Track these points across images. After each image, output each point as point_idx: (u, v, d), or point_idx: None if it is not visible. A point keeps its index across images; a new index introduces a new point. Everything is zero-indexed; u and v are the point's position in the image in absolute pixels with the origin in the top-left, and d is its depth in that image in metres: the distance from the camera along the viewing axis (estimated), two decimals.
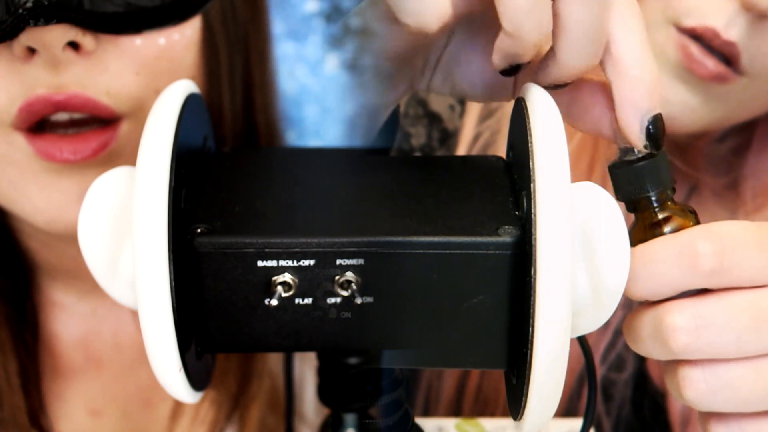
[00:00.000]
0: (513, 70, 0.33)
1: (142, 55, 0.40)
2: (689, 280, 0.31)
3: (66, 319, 0.52)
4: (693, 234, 0.31)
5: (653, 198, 0.33)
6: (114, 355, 0.52)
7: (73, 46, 0.38)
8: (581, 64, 0.31)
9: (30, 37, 0.37)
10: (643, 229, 0.33)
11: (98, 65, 0.39)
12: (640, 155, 0.33)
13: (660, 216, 0.33)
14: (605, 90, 0.33)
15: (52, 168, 0.40)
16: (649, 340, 0.33)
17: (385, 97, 0.38)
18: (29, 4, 0.35)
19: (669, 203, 0.34)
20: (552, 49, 0.32)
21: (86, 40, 0.38)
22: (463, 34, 0.37)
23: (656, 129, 0.32)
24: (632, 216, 0.34)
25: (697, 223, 0.33)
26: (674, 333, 0.31)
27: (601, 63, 0.32)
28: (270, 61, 0.51)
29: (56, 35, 0.37)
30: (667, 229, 0.33)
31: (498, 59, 0.32)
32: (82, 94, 0.39)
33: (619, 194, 0.34)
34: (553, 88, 0.33)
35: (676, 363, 0.33)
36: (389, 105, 0.39)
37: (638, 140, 0.32)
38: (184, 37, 0.42)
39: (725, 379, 0.32)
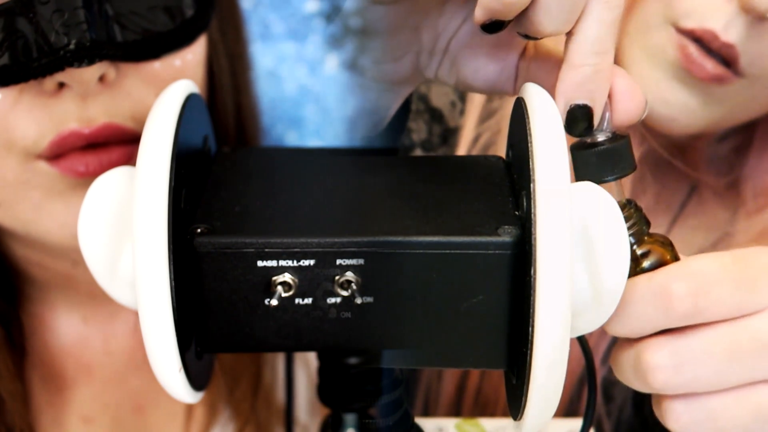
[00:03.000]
0: (493, 26, 0.33)
1: (161, 77, 0.41)
2: (665, 321, 0.32)
3: (56, 329, 0.52)
4: (668, 275, 0.32)
5: (630, 234, 0.34)
6: (104, 362, 0.52)
7: (100, 77, 0.39)
8: (548, 28, 0.32)
9: (66, 75, 0.37)
10: None
11: (121, 93, 0.40)
12: (601, 140, 0.34)
13: (639, 251, 0.34)
14: None
15: (78, 183, 0.41)
16: (630, 376, 0.33)
17: (393, 69, 0.38)
18: (72, 47, 0.36)
19: (645, 237, 0.34)
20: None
21: (110, 70, 0.39)
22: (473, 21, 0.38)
23: (577, 115, 0.33)
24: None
25: (674, 254, 0.34)
26: (653, 371, 0.32)
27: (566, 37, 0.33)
28: (249, 63, 0.52)
29: (93, 72, 0.37)
30: (646, 263, 0.34)
31: (480, 13, 0.33)
32: (110, 124, 0.40)
33: (579, 178, 0.35)
34: (524, 37, 0.34)
35: (660, 395, 0.33)
36: (400, 84, 0.39)
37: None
38: (195, 56, 0.43)
39: (707, 410, 0.32)
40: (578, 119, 0.33)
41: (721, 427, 0.32)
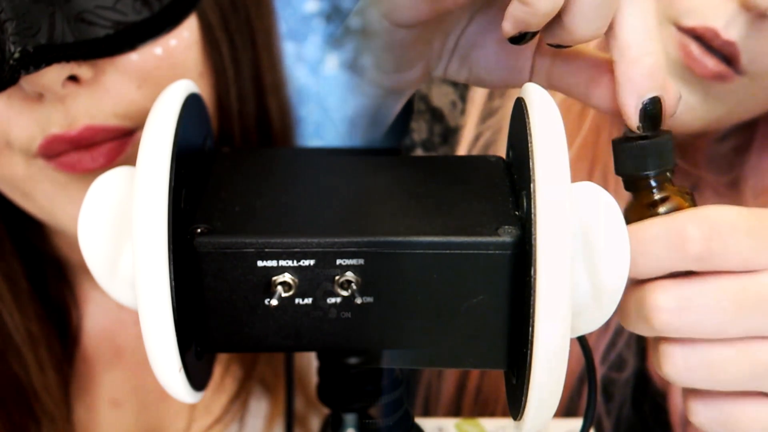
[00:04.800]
0: (522, 38, 0.33)
1: (141, 68, 0.40)
2: (676, 263, 0.32)
3: (93, 313, 0.53)
4: (683, 217, 0.31)
5: (652, 178, 0.34)
6: (136, 347, 0.53)
7: (72, 78, 0.39)
8: (586, 33, 0.32)
9: (29, 81, 0.37)
10: (640, 209, 0.34)
11: (99, 90, 0.40)
12: (644, 134, 0.33)
13: (657, 196, 0.34)
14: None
15: (76, 178, 0.41)
16: (633, 317, 0.33)
17: (403, 77, 0.38)
18: (17, 55, 0.36)
19: (667, 184, 0.34)
20: (560, 12, 0.32)
21: (82, 70, 0.38)
22: (483, 17, 0.38)
23: (652, 110, 0.32)
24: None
25: (694, 204, 0.34)
26: (657, 311, 0.32)
27: (607, 40, 0.32)
28: (279, 58, 0.51)
29: (52, 76, 0.37)
30: (662, 209, 0.33)
31: (508, 26, 0.32)
32: (91, 126, 0.40)
33: (620, 170, 0.34)
34: (556, 47, 0.33)
35: (659, 339, 0.33)
36: (407, 89, 0.39)
37: (633, 120, 0.33)
38: (182, 40, 0.41)
39: (704, 358, 0.32)
40: (655, 113, 0.32)
41: (716, 377, 0.32)
